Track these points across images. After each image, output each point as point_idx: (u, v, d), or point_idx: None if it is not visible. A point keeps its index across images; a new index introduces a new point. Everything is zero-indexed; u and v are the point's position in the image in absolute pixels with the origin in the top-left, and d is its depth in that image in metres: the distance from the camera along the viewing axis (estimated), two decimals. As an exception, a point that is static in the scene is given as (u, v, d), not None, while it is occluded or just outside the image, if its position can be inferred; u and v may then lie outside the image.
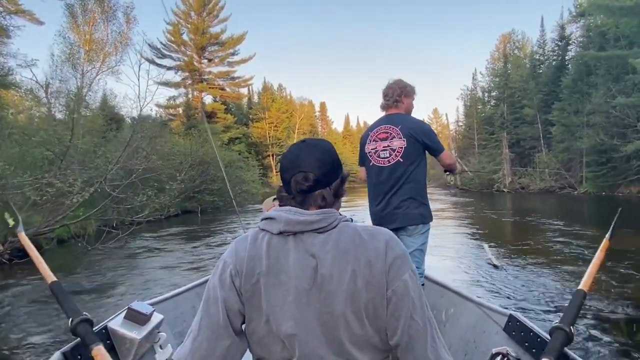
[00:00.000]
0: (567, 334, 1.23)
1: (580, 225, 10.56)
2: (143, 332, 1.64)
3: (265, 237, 1.04)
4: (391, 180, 2.59)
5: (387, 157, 2.61)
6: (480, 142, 43.64)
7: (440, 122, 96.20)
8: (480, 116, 45.89)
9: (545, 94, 34.18)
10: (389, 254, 1.01)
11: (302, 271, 0.99)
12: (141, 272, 7.64)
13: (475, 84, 49.25)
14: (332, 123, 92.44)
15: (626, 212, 13.20)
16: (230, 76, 54.51)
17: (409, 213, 2.55)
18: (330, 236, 1.01)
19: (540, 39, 38.18)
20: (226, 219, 17.36)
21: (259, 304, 1.01)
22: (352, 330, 0.98)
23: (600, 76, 23.92)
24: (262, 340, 1.03)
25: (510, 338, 1.74)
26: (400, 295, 0.99)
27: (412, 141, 2.56)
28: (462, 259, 6.87)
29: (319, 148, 1.08)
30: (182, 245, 10.65)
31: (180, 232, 13.51)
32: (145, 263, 8.50)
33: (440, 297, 2.54)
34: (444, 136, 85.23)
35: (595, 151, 24.38)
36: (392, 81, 2.78)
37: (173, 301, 2.26)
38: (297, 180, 1.03)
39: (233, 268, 1.03)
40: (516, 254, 7.13)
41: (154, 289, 6.07)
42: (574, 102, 27.45)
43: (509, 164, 35.06)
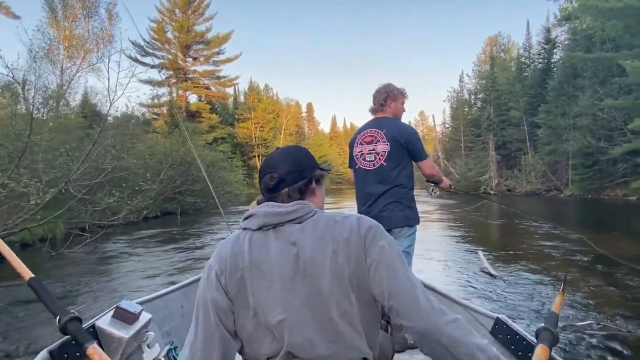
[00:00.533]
0: (553, 334, 1.26)
1: (568, 228, 10.41)
2: (131, 331, 1.63)
3: (247, 235, 1.09)
4: (376, 184, 2.61)
5: (372, 160, 2.63)
6: (467, 144, 43.62)
7: (427, 125, 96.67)
8: (467, 118, 45.94)
9: (532, 96, 34.26)
10: (362, 226, 1.06)
11: (284, 259, 1.03)
12: (109, 277, 7.07)
13: (462, 86, 49.39)
14: (319, 124, 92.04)
15: (611, 216, 12.94)
16: (215, 75, 53.71)
17: (393, 216, 2.56)
18: (307, 225, 1.07)
19: (526, 42, 38.41)
20: (208, 220, 16.74)
21: (245, 298, 1.03)
22: (342, 307, 1.00)
23: (587, 79, 23.90)
24: (251, 336, 1.05)
25: (497, 341, 1.74)
26: (378, 260, 1.02)
27: (396, 145, 2.57)
28: (456, 266, 6.44)
29: (286, 152, 1.19)
30: (157, 248, 10.04)
31: (158, 234, 12.89)
32: (114, 267, 7.93)
33: None
34: (430, 138, 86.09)
35: (581, 154, 24.34)
36: (382, 85, 2.78)
37: (162, 300, 2.22)
38: (264, 180, 1.14)
39: (217, 268, 1.07)
40: (509, 260, 6.75)
41: (117, 298, 5.50)
42: (561, 105, 27.45)
43: (495, 166, 35.05)
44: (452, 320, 1.00)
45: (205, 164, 20.34)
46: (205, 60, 52.45)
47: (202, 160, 20.32)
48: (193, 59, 52.70)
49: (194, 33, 50.20)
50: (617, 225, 12.30)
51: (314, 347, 1.01)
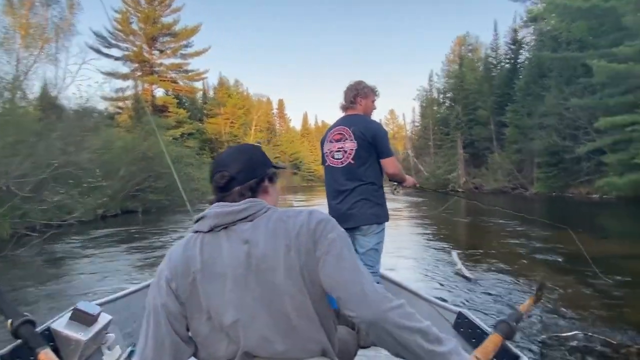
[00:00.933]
0: (510, 326, 1.29)
1: (533, 226, 10.44)
2: (89, 333, 1.59)
3: (198, 237, 1.07)
4: (344, 182, 2.62)
5: (341, 158, 2.63)
6: (436, 143, 44.09)
7: (397, 123, 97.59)
8: (436, 117, 46.44)
9: (499, 96, 34.86)
10: (312, 219, 1.07)
11: (236, 259, 1.02)
12: (62, 279, 6.49)
13: (432, 85, 49.85)
14: (290, 121, 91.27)
15: (576, 213, 13.20)
16: (183, 69, 52.16)
17: (362, 213, 2.57)
18: (259, 222, 1.06)
19: (493, 42, 39.03)
20: (173, 218, 16.02)
21: (198, 301, 1.02)
22: (296, 301, 1.01)
23: (553, 78, 24.38)
24: (206, 340, 1.04)
25: (459, 334, 1.76)
26: (327, 252, 1.03)
27: (363, 143, 2.57)
28: (429, 268, 6.16)
29: (236, 150, 1.19)
30: (116, 248, 9.41)
31: (117, 233, 12.14)
32: (68, 269, 7.38)
33: (395, 296, 2.10)
34: (400, 137, 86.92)
35: (547, 152, 24.84)
36: (353, 82, 2.78)
37: (123, 301, 2.19)
38: (215, 179, 1.12)
39: (168, 273, 1.05)
40: (482, 260, 6.56)
41: (70, 301, 4.97)
42: (527, 104, 27.97)
43: (463, 165, 35.54)
44: (396, 306, 1.01)
45: (170, 160, 19.50)
46: (172, 53, 50.83)
47: (169, 155, 19.51)
48: (160, 51, 50.99)
49: (160, 25, 48.59)
50: (583, 223, 12.49)
51: (271, 344, 1.01)
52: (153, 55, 50.67)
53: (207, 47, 52.46)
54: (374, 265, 2.58)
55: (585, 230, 10.12)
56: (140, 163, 17.07)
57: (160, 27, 48.59)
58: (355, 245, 2.61)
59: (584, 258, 4.56)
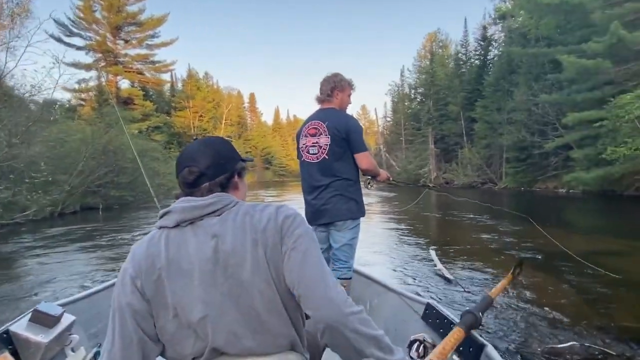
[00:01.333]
0: (475, 317, 1.33)
1: (502, 219, 10.53)
2: (51, 335, 1.54)
3: (163, 233, 1.04)
4: (320, 177, 2.59)
5: (316, 153, 2.61)
6: (407, 138, 44.37)
7: (369, 119, 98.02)
8: (407, 112, 46.71)
9: (469, 92, 35.30)
10: (280, 215, 1.05)
11: (204, 254, 0.99)
12: (11, 281, 5.90)
13: (403, 80, 50.08)
14: (262, 115, 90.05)
15: (543, 207, 13.33)
16: (149, 60, 50.42)
17: (337, 209, 2.56)
18: (227, 216, 1.04)
19: (463, 39, 39.48)
20: (136, 214, 15.24)
21: (164, 299, 0.99)
22: (265, 296, 0.99)
23: (522, 75, 24.75)
24: (173, 338, 1.01)
25: (428, 325, 1.81)
26: (292, 248, 1.02)
27: (337, 138, 2.55)
28: (407, 267, 5.85)
29: (205, 144, 1.12)
30: (73, 246, 8.72)
31: (74, 231, 11.35)
32: (18, 270, 6.71)
33: (366, 289, 2.60)
34: (372, 132, 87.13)
35: (515, 147, 25.24)
36: (329, 74, 2.72)
37: (87, 301, 2.13)
38: (183, 175, 1.07)
39: (132, 271, 1.01)
40: (460, 257, 6.33)
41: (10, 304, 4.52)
42: (497, 100, 28.37)
43: (434, 160, 35.85)
44: (357, 312, 1.01)
45: (134, 154, 18.58)
46: (138, 43, 49.01)
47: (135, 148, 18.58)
48: (125, 41, 49.07)
49: (125, 13, 46.73)
50: (549, 216, 12.78)
51: (240, 340, 1.00)
52: (117, 45, 48.68)
53: (175, 38, 50.94)
54: (347, 261, 2.58)
55: (551, 224, 10.24)
56: (101, 157, 16.13)
57: (125, 15, 46.69)
58: (330, 240, 2.63)
59: (552, 249, 4.89)
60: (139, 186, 18.85)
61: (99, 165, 15.84)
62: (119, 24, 46.75)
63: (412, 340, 1.67)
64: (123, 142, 17.14)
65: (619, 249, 7.21)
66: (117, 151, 16.78)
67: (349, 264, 2.58)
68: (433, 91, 39.83)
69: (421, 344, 1.63)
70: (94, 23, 46.11)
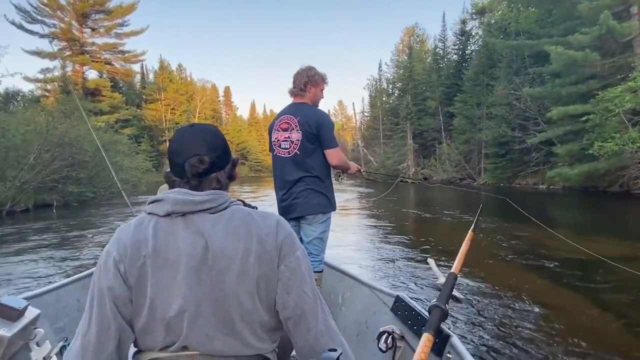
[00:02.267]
0: (442, 310, 1.39)
1: (484, 217, 10.16)
2: (14, 328, 1.49)
3: (152, 220, 1.00)
4: (291, 171, 2.61)
5: (288, 148, 2.61)
6: (386, 133, 43.82)
7: (346, 114, 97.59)
8: (385, 107, 46.21)
9: (447, 86, 34.96)
10: (280, 232, 1.03)
11: (192, 249, 0.96)
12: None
13: (381, 74, 49.52)
14: (237, 109, 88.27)
15: (523, 203, 13.15)
16: (118, 49, 48.21)
17: (307, 203, 2.58)
18: (222, 217, 1.00)
19: (441, 33, 39.16)
20: (97, 213, 13.97)
21: (144, 288, 0.96)
22: (243, 308, 0.98)
23: (502, 69, 24.34)
24: (145, 327, 0.98)
25: (397, 317, 1.84)
26: (293, 270, 1.01)
27: (308, 133, 2.55)
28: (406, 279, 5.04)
29: (209, 132, 1.08)
30: (9, 249, 7.60)
31: (20, 230, 10.15)
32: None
33: (338, 282, 2.63)
34: (349, 127, 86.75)
35: (495, 143, 24.87)
36: (303, 67, 2.70)
37: (54, 294, 2.08)
38: (192, 164, 1.01)
39: (116, 255, 0.97)
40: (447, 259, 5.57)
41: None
42: (476, 95, 28.01)
43: (413, 155, 35.42)
44: (338, 345, 1.02)
45: (95, 146, 17.21)
46: (105, 31, 46.80)
47: (91, 142, 17.18)
48: (91, 29, 46.76)
49: (92, 0, 44.26)
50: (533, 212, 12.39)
51: (211, 341, 0.98)
52: (84, 33, 46.35)
53: (145, 27, 48.85)
54: (318, 254, 2.60)
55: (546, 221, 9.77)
56: (56, 150, 14.71)
57: (91, 2, 44.39)
58: (301, 233, 2.62)
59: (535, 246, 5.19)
60: (100, 182, 17.52)
61: (53, 158, 14.43)
62: (86, 11, 44.48)
63: (382, 331, 1.69)
64: (81, 134, 15.81)
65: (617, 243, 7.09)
66: (75, 143, 15.40)
67: (320, 257, 2.61)
68: (411, 86, 39.34)
69: (389, 335, 1.66)
70: (58, 10, 43.66)
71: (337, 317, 2.38)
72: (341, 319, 2.35)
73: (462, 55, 35.38)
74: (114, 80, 49.49)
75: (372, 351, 1.77)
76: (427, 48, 44.53)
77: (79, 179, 16.21)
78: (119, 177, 17.69)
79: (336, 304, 2.52)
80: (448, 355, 1.43)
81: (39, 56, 43.81)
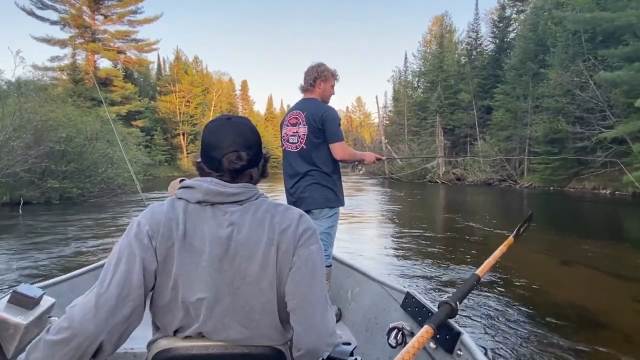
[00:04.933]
0: (452, 307, 1.35)
1: (548, 231, 8.59)
2: (30, 317, 1.42)
3: (182, 204, 1.02)
4: (299, 166, 2.65)
5: (295, 142, 2.66)
6: (411, 128, 40.64)
7: (364, 111, 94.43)
8: (411, 101, 43.06)
9: (483, 78, 31.69)
10: (301, 224, 1.05)
11: (217, 238, 0.98)
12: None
13: (407, 66, 46.27)
14: (254, 104, 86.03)
15: (584, 213, 10.03)
16: (131, 37, 46.13)
17: (313, 197, 2.59)
18: (249, 207, 1.03)
19: (474, 22, 35.89)
20: (79, 213, 11.43)
21: (170, 268, 0.98)
22: (264, 297, 0.99)
23: (557, 54, 20.88)
24: (165, 306, 0.99)
25: (406, 313, 1.83)
26: (304, 261, 1.02)
27: (313, 128, 2.59)
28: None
29: (247, 127, 1.08)
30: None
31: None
32: None
33: (347, 278, 2.65)
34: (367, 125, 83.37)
35: (547, 140, 21.54)
36: (313, 63, 2.75)
37: (69, 284, 2.17)
38: (230, 160, 1.03)
39: (150, 229, 0.98)
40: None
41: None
42: (522, 85, 24.66)
43: (443, 153, 32.23)
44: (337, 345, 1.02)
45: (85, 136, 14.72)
46: (118, 18, 44.78)
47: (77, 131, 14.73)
48: (104, 16, 44.81)
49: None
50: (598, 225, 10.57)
51: (227, 329, 0.99)
52: (96, 20, 44.49)
53: (159, 14, 46.71)
54: (326, 249, 2.51)
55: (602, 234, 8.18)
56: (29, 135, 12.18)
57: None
58: None
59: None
60: (92, 175, 15.06)
61: (26, 147, 11.93)
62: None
63: (391, 327, 1.65)
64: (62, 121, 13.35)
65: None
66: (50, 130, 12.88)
67: (327, 252, 2.59)
68: (441, 77, 36.08)
69: (399, 332, 1.63)
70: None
71: (347, 312, 2.46)
72: (350, 314, 2.38)
73: (501, 43, 31.99)
74: (127, 70, 47.64)
75: (381, 347, 1.77)
76: (455, 39, 41.31)
77: (64, 172, 13.72)
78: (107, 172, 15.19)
79: (345, 300, 2.53)
80: (459, 352, 1.39)
81: (49, 43, 42.18)
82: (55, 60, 42.79)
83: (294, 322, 1.01)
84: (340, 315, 2.51)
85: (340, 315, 2.51)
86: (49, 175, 13.38)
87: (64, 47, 43.61)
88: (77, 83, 40.61)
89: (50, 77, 41.42)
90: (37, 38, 41.95)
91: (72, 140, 13.98)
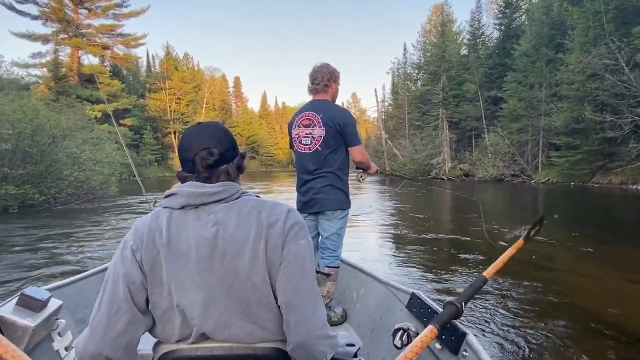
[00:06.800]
0: (457, 308, 1.33)
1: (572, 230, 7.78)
2: (38, 319, 1.53)
3: (167, 213, 1.02)
4: (312, 167, 2.62)
5: (309, 144, 2.63)
6: (412, 122, 38.78)
7: (359, 107, 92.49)
8: (409, 94, 41.21)
9: (490, 67, 29.86)
10: (289, 219, 1.04)
11: (203, 239, 0.98)
12: None
13: (407, 57, 44.39)
14: (248, 101, 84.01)
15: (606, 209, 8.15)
16: (116, 32, 43.92)
17: (327, 199, 2.59)
18: (233, 205, 1.02)
19: (476, 10, 34.08)
20: (31, 227, 9.44)
21: (160, 276, 0.98)
22: (258, 291, 0.99)
23: (577, 36, 18.96)
24: (164, 315, 0.99)
25: (412, 314, 1.82)
26: (294, 256, 1.01)
27: (331, 130, 2.56)
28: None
29: (216, 128, 1.09)
30: None
31: None
32: None
33: (353, 278, 2.64)
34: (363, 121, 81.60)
35: (567, 131, 19.69)
36: (320, 64, 2.69)
37: (75, 286, 2.11)
38: (202, 157, 1.03)
39: (133, 243, 1.00)
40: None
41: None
42: (535, 72, 22.80)
43: (449, 148, 30.39)
44: (331, 336, 1.02)
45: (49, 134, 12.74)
46: (102, 12, 42.53)
47: (38, 127, 12.75)
48: (87, 10, 42.58)
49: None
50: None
51: (228, 328, 0.98)
52: (79, 14, 42.29)
53: (146, 7, 44.48)
54: (335, 250, 2.58)
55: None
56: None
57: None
58: (319, 229, 2.62)
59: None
60: (60, 179, 13.07)
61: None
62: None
63: (397, 328, 1.60)
64: (19, 116, 11.38)
65: None
66: (11, 127, 10.92)
67: (337, 252, 2.60)
68: (444, 68, 34.22)
69: (405, 333, 1.58)
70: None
71: (352, 313, 2.46)
72: (356, 315, 2.38)
73: (507, 29, 30.17)
74: (115, 67, 45.51)
75: (386, 348, 1.75)
76: (455, 29, 39.56)
77: (22, 176, 11.74)
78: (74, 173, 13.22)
79: (351, 300, 2.53)
80: (464, 353, 1.38)
81: (29, 39, 39.96)
82: (37, 57, 40.65)
83: (285, 316, 0.99)
84: (346, 316, 2.48)
85: (346, 316, 2.48)
86: (4, 180, 11.40)
87: (46, 42, 41.38)
88: (60, 80, 38.53)
89: (31, 75, 39.19)
90: (17, 34, 39.71)
91: (32, 138, 12.00)
